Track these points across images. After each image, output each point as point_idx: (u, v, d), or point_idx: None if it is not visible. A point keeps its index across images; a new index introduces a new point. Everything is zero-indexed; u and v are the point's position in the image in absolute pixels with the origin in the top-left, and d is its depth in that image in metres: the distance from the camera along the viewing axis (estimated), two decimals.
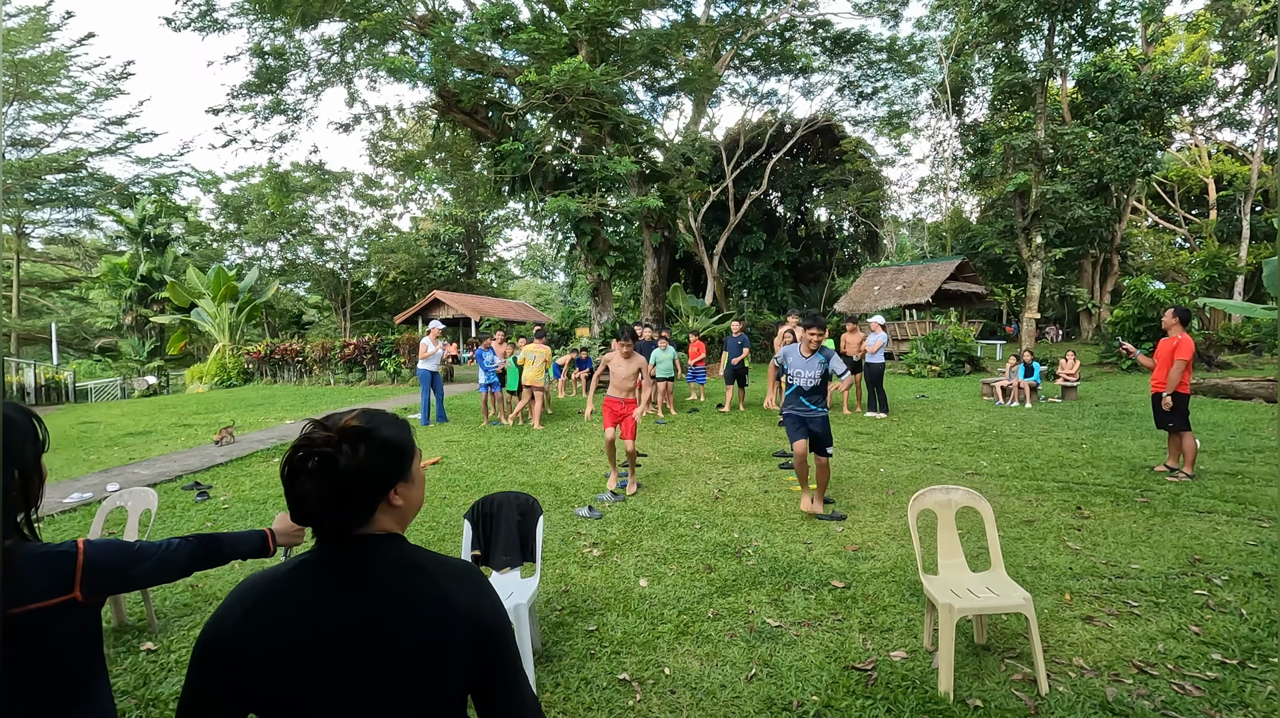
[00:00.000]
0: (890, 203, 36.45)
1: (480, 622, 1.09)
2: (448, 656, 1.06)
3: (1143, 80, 23.06)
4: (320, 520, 1.09)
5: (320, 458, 1.06)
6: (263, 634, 1.04)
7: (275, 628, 1.04)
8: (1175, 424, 6.38)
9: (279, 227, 35.70)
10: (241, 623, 1.04)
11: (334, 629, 1.04)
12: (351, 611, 1.06)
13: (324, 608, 1.06)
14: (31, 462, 1.37)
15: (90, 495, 6.67)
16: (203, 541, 1.57)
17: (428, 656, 1.05)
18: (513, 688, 1.11)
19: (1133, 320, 18.69)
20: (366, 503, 1.10)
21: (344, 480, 1.07)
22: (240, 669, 1.03)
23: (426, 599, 1.08)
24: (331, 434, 1.08)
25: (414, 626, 1.06)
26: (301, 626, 1.05)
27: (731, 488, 6.48)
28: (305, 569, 1.10)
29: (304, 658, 1.03)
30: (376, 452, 1.10)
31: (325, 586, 1.08)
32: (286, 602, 1.07)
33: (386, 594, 1.08)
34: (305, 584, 1.08)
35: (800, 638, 3.39)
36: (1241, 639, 3.22)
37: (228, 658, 1.03)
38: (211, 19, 18.39)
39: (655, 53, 18.40)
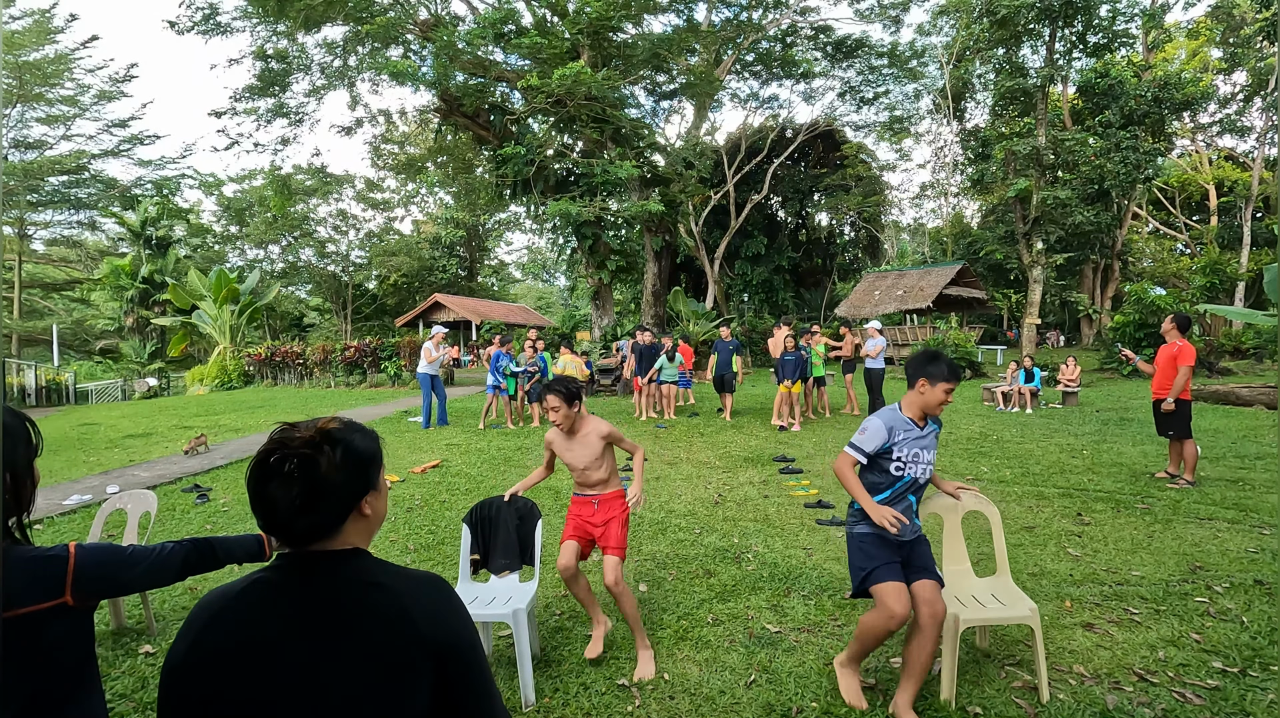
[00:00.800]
0: (891, 208, 36.51)
1: (445, 642, 1.04)
2: (411, 677, 1.00)
3: (1144, 87, 23.10)
4: (291, 527, 1.04)
5: (300, 460, 1.03)
6: (214, 657, 0.99)
7: (226, 651, 0.99)
8: (1176, 431, 6.37)
9: (281, 229, 35.76)
10: (193, 647, 1.00)
11: (289, 652, 0.99)
12: (308, 633, 1.00)
13: (279, 629, 1.00)
14: (24, 466, 1.37)
15: (90, 497, 6.66)
16: (196, 544, 1.56)
17: (389, 678, 0.99)
18: (482, 712, 1.06)
19: (1133, 326, 18.69)
20: (339, 511, 1.07)
21: (322, 484, 1.04)
22: (194, 694, 0.98)
23: (388, 619, 1.02)
24: (310, 436, 1.05)
25: (374, 647, 1.00)
26: (254, 648, 0.99)
27: (731, 493, 6.47)
28: (261, 588, 1.05)
29: (256, 683, 0.97)
30: (352, 457, 1.09)
31: (281, 606, 1.03)
32: (239, 623, 1.01)
33: (346, 615, 1.02)
34: (260, 603, 1.03)
35: (800, 644, 3.38)
36: (1243, 648, 3.21)
37: (182, 683, 0.99)
38: (215, 22, 18.49)
39: (657, 58, 18.47)
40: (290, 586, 1.04)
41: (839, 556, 4.65)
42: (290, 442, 1.04)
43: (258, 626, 1.01)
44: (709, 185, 27.66)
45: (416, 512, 6.01)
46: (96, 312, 34.64)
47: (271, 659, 0.98)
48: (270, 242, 37.20)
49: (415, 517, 5.85)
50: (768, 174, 28.81)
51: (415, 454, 8.75)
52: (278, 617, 1.02)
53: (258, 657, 0.98)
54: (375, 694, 0.98)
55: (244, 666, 0.98)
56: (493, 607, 3.12)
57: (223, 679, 0.98)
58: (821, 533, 5.19)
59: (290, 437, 1.05)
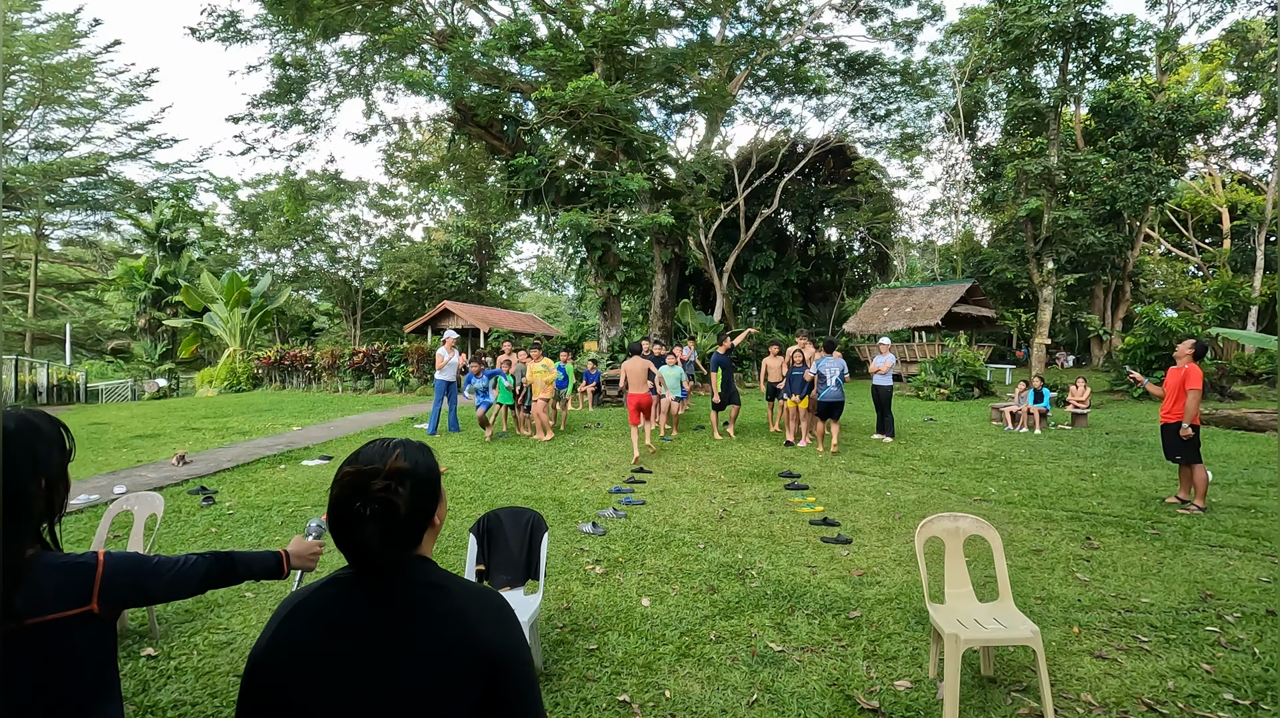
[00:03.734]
0: (901, 225, 36.49)
1: (498, 652, 1.10)
2: (463, 678, 1.08)
3: (1157, 109, 23.07)
4: (379, 559, 1.12)
5: (379, 505, 1.10)
6: (291, 646, 1.10)
7: (303, 639, 1.10)
8: (1185, 456, 6.30)
9: (293, 234, 36.05)
10: (274, 637, 1.12)
11: (356, 650, 1.08)
12: (376, 628, 1.10)
13: (348, 629, 1.10)
14: (58, 471, 1.37)
15: (97, 498, 6.69)
16: (218, 558, 1.56)
17: (444, 674, 1.08)
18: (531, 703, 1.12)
19: (1144, 349, 18.54)
20: (418, 534, 1.17)
21: (402, 521, 1.12)
22: (273, 680, 1.08)
23: (448, 626, 1.11)
24: (384, 480, 1.11)
25: (436, 649, 1.09)
26: (325, 645, 1.09)
27: (736, 508, 6.45)
28: (337, 587, 1.16)
29: (325, 676, 1.07)
30: (421, 486, 1.16)
31: (354, 603, 1.13)
32: (315, 616, 1.13)
33: (410, 619, 1.11)
34: (334, 599, 1.14)
35: (803, 664, 3.35)
36: (1254, 679, 3.16)
37: (263, 670, 1.10)
38: (235, 30, 18.75)
39: (670, 71, 18.59)
40: (362, 586, 1.14)
41: (844, 574, 4.62)
42: (366, 488, 1.11)
43: (332, 620, 1.12)
44: (719, 199, 27.73)
45: None
46: (109, 312, 34.97)
47: (341, 649, 1.09)
48: (283, 246, 37.49)
49: None
50: (778, 188, 28.86)
51: None
52: (350, 613, 1.12)
53: (330, 647, 1.09)
54: (432, 687, 1.07)
55: (317, 654, 1.09)
56: None
57: (298, 665, 1.09)
58: (826, 551, 5.15)
59: (367, 483, 1.11)
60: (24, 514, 1.28)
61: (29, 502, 1.29)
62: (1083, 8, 19.36)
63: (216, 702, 3.03)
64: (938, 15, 24.69)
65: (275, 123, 20.98)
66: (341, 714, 1.06)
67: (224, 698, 3.06)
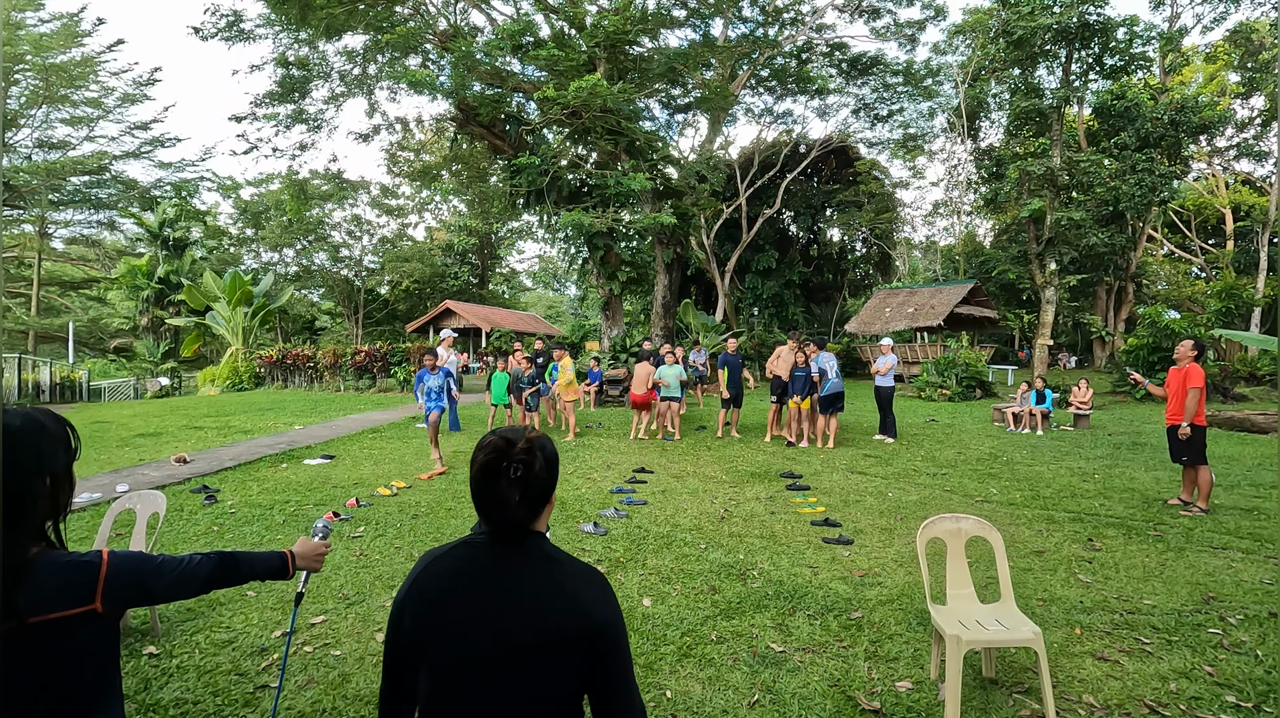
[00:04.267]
0: (903, 225, 36.45)
1: (601, 622, 1.27)
2: (571, 650, 1.25)
3: (1160, 109, 23.02)
4: (514, 516, 1.29)
5: (521, 465, 1.29)
6: (429, 595, 1.30)
7: (428, 591, 1.30)
8: (1191, 458, 6.28)
9: (296, 233, 36.09)
10: (413, 587, 1.32)
11: (479, 606, 1.27)
12: (498, 593, 1.28)
13: (475, 587, 1.29)
14: (63, 470, 1.37)
15: (100, 496, 6.71)
16: (223, 559, 1.55)
17: (555, 646, 1.24)
18: (622, 687, 1.29)
19: (1147, 350, 18.51)
20: (543, 502, 1.34)
21: (535, 482, 1.30)
22: (405, 629, 1.30)
23: (562, 596, 1.28)
24: (525, 444, 1.31)
25: (549, 613, 1.26)
26: (449, 592, 1.29)
27: (738, 508, 6.44)
28: (467, 549, 1.35)
29: (451, 623, 1.27)
30: (550, 460, 1.35)
31: (480, 563, 1.32)
32: (448, 572, 1.32)
33: (529, 582, 1.29)
34: (465, 559, 1.34)
35: (804, 665, 3.35)
36: (1257, 682, 3.15)
37: (405, 614, 1.30)
38: (238, 29, 18.78)
39: (672, 71, 18.58)
40: (491, 550, 1.33)
41: (845, 574, 4.61)
42: (511, 450, 1.30)
43: (461, 575, 1.31)
44: (721, 199, 27.71)
45: (422, 519, 6.02)
46: (112, 310, 35.02)
47: (469, 600, 1.28)
48: (285, 245, 37.53)
49: (421, 523, 5.85)
50: (780, 189, 28.85)
51: (422, 461, 8.76)
52: (478, 572, 1.31)
53: (459, 597, 1.29)
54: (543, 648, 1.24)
55: (449, 603, 1.28)
56: None
57: (430, 612, 1.29)
58: (828, 552, 5.15)
59: (510, 447, 1.30)
60: (28, 513, 1.28)
61: (34, 500, 1.29)
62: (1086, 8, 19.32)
63: (218, 700, 3.03)
64: (940, 15, 24.65)
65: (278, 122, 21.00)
66: (461, 659, 1.25)
67: (225, 697, 3.07)
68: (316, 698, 3.05)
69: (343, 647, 3.55)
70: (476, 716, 1.25)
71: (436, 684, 1.28)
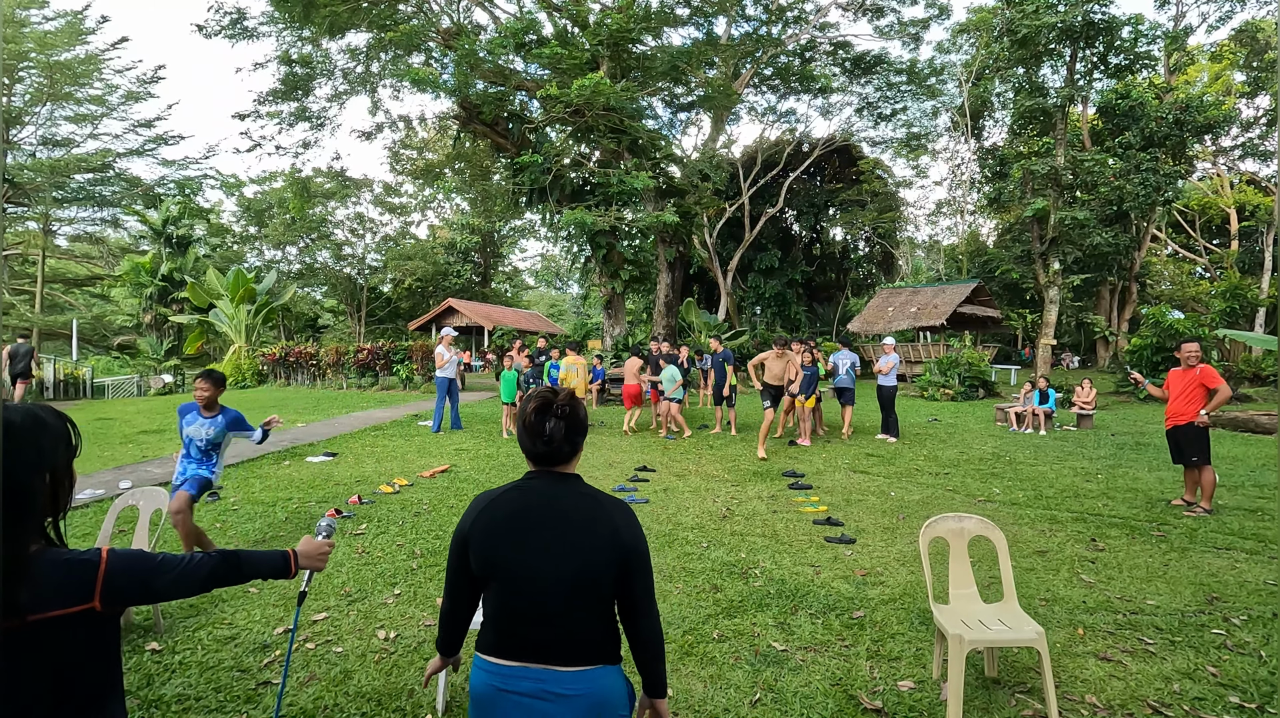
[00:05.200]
0: (906, 224, 36.37)
1: (631, 547, 1.63)
2: (606, 565, 1.60)
3: (1165, 109, 22.94)
4: (559, 451, 1.66)
5: (566, 408, 1.66)
6: (484, 528, 1.65)
7: (492, 524, 1.65)
8: (1198, 458, 6.24)
9: (299, 231, 36.14)
10: (477, 519, 1.67)
11: (535, 525, 1.62)
12: (546, 521, 1.63)
13: (527, 514, 1.64)
14: (63, 466, 1.36)
15: (103, 492, 6.72)
16: (224, 557, 1.54)
17: (593, 563, 1.60)
18: (646, 597, 1.66)
19: (1150, 350, 18.46)
20: (580, 444, 1.71)
21: (576, 424, 1.68)
22: (471, 551, 1.66)
23: (599, 521, 1.63)
24: (567, 397, 1.70)
25: (590, 539, 1.61)
26: (510, 523, 1.64)
27: (740, 507, 6.44)
28: (518, 489, 1.69)
29: (508, 545, 1.62)
30: (584, 412, 1.73)
31: (533, 498, 1.66)
32: (507, 506, 1.66)
33: (573, 513, 1.64)
34: (520, 495, 1.67)
35: (806, 664, 3.35)
36: (1260, 683, 3.14)
37: (464, 544, 1.68)
38: (241, 27, 18.80)
39: (675, 70, 18.56)
40: (538, 487, 1.68)
41: (847, 574, 4.61)
42: (556, 398, 1.68)
43: (518, 508, 1.65)
44: (724, 198, 27.68)
45: (424, 516, 6.02)
46: (116, 308, 35.10)
47: (525, 528, 1.63)
48: (288, 243, 37.59)
49: (423, 521, 5.86)
50: (783, 188, 28.81)
51: (424, 459, 8.77)
52: (531, 504, 1.65)
53: (516, 526, 1.63)
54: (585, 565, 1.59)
55: (507, 530, 1.63)
56: None
57: (494, 539, 1.63)
58: (830, 550, 5.14)
59: (555, 397, 1.68)
60: (28, 509, 1.27)
61: (34, 497, 1.28)
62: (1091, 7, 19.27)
63: (220, 696, 3.04)
64: (944, 14, 24.59)
65: (281, 120, 21.05)
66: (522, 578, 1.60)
67: (227, 693, 3.07)
68: (319, 695, 3.06)
69: (345, 644, 3.55)
70: (534, 622, 1.60)
71: (501, 599, 1.64)
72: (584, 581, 1.59)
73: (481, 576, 1.65)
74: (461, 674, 3.26)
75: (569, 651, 1.60)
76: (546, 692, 1.58)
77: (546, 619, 1.59)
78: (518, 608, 1.61)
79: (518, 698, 1.59)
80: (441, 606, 1.80)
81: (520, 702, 1.59)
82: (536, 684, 1.59)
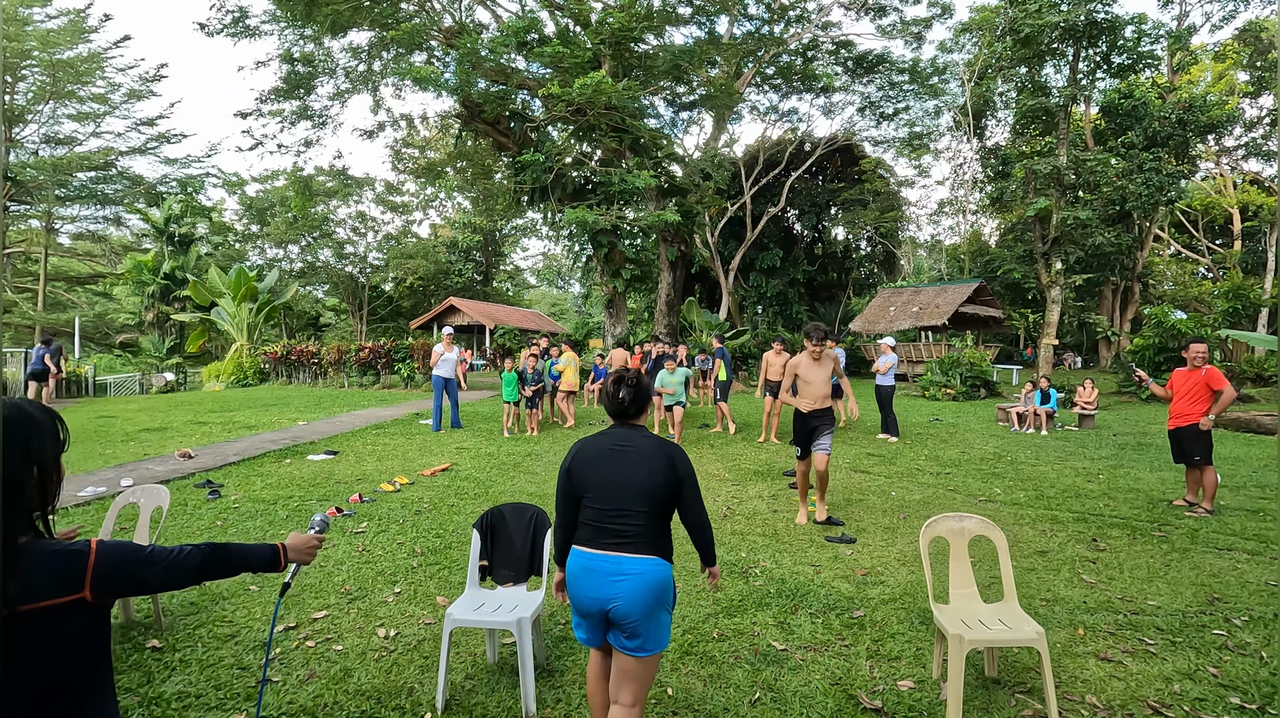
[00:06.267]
0: (908, 224, 36.30)
1: (683, 473, 2.41)
2: (664, 485, 2.35)
3: (1168, 108, 22.88)
4: (629, 410, 2.50)
5: (636, 379, 2.51)
6: (580, 460, 2.45)
7: (585, 457, 2.44)
8: (1201, 457, 6.23)
9: (300, 229, 36.17)
10: (577, 454, 2.47)
11: (612, 457, 2.40)
12: (620, 450, 2.41)
13: (609, 449, 2.43)
14: (51, 461, 1.39)
15: (104, 490, 6.73)
16: (214, 549, 1.55)
17: (657, 474, 2.35)
18: (698, 504, 2.47)
19: (1153, 350, 18.43)
20: (644, 406, 2.53)
21: (644, 389, 2.51)
22: (572, 477, 2.44)
23: (660, 453, 2.40)
24: (635, 374, 2.54)
25: (652, 468, 2.36)
26: (598, 457, 2.43)
27: (740, 506, 6.43)
28: (603, 434, 2.48)
29: (597, 471, 2.40)
30: (647, 383, 2.55)
31: (611, 441, 2.45)
32: (591, 447, 2.47)
33: (639, 450, 2.40)
34: (604, 440, 2.46)
35: (806, 663, 3.35)
36: (1261, 683, 3.14)
37: (568, 474, 2.45)
38: (244, 25, 18.80)
39: (677, 69, 18.54)
40: (616, 432, 2.48)
41: (847, 573, 4.61)
42: (628, 373, 2.53)
43: (602, 446, 2.45)
44: (726, 197, 27.66)
45: (425, 515, 6.03)
46: (118, 306, 35.13)
47: (607, 458, 2.41)
48: (290, 241, 37.61)
49: (424, 520, 5.86)
50: (785, 187, 28.77)
51: (425, 457, 8.78)
52: (611, 443, 2.44)
53: (601, 457, 2.42)
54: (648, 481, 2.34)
55: (595, 461, 2.42)
56: (498, 614, 3.11)
57: (586, 466, 2.42)
58: (830, 550, 5.14)
59: (628, 372, 2.54)
60: (16, 502, 1.29)
61: (21, 489, 1.31)
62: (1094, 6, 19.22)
63: (220, 694, 3.04)
64: (947, 13, 24.55)
65: (283, 118, 21.04)
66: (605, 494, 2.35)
67: (227, 690, 3.08)
68: (318, 693, 3.06)
69: (344, 642, 3.56)
70: (613, 523, 2.33)
71: (591, 508, 2.38)
72: (648, 492, 2.33)
73: (578, 494, 2.41)
74: (462, 674, 3.27)
75: (636, 545, 2.32)
76: (620, 572, 2.29)
77: (622, 521, 2.33)
78: (602, 513, 2.35)
79: (600, 575, 2.31)
80: (554, 523, 2.58)
81: (602, 578, 2.30)
82: (614, 566, 2.30)
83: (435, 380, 10.96)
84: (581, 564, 2.34)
